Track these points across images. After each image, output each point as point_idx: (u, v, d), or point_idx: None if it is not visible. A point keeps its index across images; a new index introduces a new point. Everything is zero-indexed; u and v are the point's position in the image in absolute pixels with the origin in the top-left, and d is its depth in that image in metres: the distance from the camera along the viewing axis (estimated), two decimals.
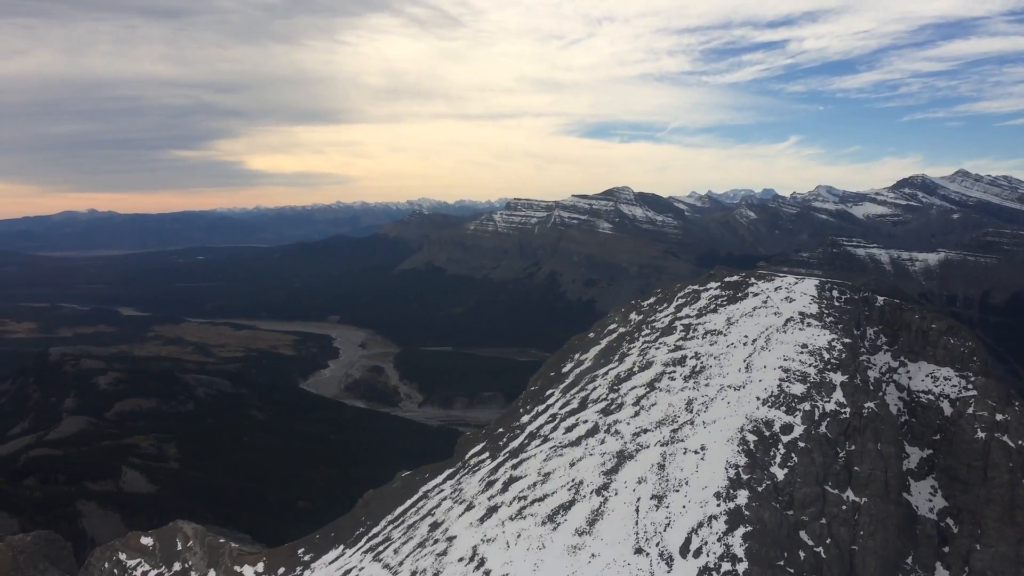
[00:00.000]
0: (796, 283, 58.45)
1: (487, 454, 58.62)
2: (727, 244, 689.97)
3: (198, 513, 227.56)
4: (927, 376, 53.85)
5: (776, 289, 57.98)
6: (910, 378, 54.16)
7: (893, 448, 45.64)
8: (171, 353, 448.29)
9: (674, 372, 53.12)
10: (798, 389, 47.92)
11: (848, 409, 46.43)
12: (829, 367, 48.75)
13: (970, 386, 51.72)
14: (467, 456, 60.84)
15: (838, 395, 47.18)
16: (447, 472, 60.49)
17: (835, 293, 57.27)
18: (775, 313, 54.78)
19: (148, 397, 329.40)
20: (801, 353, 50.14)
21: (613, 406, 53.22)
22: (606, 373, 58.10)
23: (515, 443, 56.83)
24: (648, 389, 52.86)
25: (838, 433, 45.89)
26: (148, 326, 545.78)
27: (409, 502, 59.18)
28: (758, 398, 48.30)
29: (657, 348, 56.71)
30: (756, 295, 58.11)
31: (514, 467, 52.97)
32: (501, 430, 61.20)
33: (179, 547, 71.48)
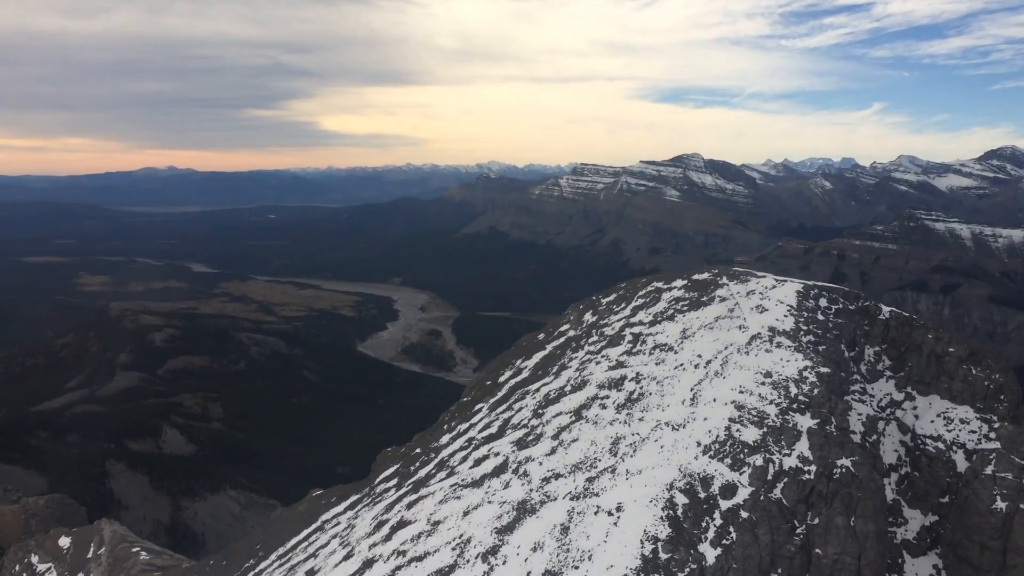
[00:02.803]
0: (773, 287, 45.52)
1: (395, 480, 48.84)
2: (800, 215, 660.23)
3: (232, 477, 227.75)
4: (939, 416, 41.04)
5: (748, 294, 45.25)
6: (917, 417, 41.46)
7: (872, 525, 33.56)
8: (235, 311, 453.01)
9: (607, 398, 41.84)
10: (751, 435, 36.08)
11: (814, 467, 34.46)
12: (796, 407, 36.58)
13: (992, 434, 38.79)
14: (377, 480, 51.19)
15: (802, 447, 35.16)
16: (353, 498, 51.05)
17: (822, 303, 44.22)
18: (740, 327, 42.41)
19: (201, 355, 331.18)
20: (762, 384, 38.01)
21: (531, 436, 42.47)
22: (538, 390, 47.17)
23: (423, 472, 46.84)
24: (573, 418, 41.82)
25: (797, 500, 34.10)
26: (216, 283, 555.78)
27: (305, 533, 50.14)
28: (699, 443, 36.73)
29: (597, 363, 45.36)
30: (723, 300, 45.58)
31: (409, 506, 43.11)
32: (419, 450, 51.28)
33: (90, 553, 64.59)
